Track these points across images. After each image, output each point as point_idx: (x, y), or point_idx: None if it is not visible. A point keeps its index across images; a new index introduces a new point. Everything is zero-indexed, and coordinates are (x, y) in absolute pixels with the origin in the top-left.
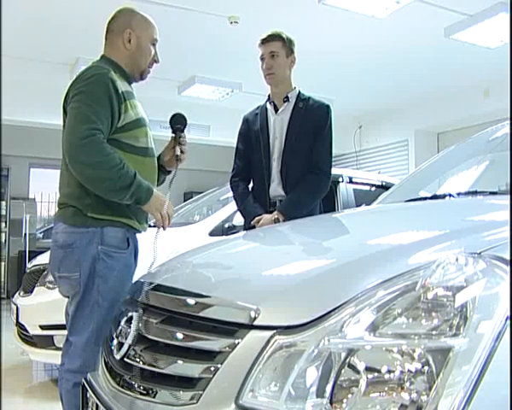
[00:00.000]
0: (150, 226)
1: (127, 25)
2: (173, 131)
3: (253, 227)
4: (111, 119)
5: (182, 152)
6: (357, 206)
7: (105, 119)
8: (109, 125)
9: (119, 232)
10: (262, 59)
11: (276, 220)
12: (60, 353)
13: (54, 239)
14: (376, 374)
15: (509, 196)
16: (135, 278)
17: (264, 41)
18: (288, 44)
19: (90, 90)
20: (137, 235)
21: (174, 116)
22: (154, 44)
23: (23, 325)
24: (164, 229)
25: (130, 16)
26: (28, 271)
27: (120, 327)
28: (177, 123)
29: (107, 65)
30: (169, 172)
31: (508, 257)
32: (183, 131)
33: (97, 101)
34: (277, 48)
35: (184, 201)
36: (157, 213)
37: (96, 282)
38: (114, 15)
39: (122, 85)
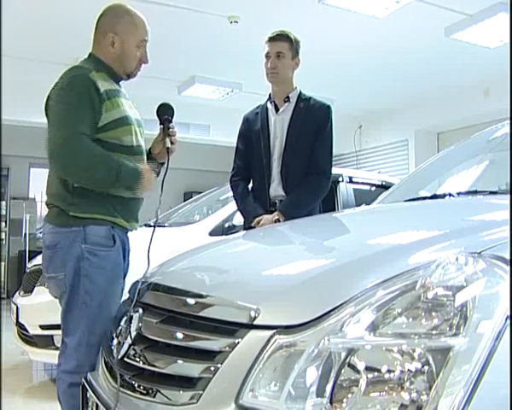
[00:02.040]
0: (146, 226)
1: (111, 28)
2: (161, 123)
3: (253, 227)
4: (93, 119)
5: (172, 143)
6: (357, 206)
7: (87, 119)
8: (92, 124)
9: (102, 230)
10: (267, 57)
11: (277, 221)
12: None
13: (42, 240)
14: (376, 374)
15: (508, 196)
16: (134, 279)
17: (271, 39)
18: (294, 46)
19: (69, 93)
20: (138, 236)
21: (160, 106)
22: (141, 46)
23: (23, 325)
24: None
25: (115, 18)
26: (28, 271)
27: (120, 327)
28: (165, 113)
29: (92, 64)
30: (161, 164)
31: (508, 257)
32: (171, 122)
33: (77, 103)
34: (284, 48)
35: (184, 201)
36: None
37: (81, 281)
38: (102, 13)
39: (105, 84)
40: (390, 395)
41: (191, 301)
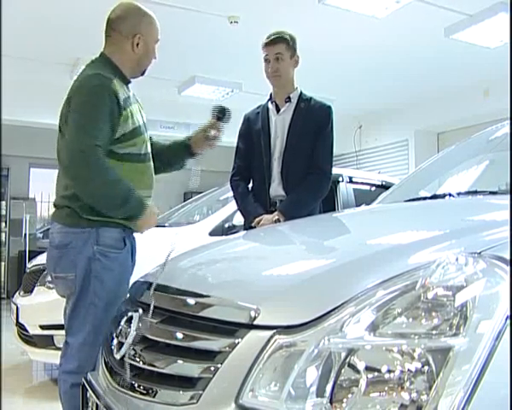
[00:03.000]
0: None
1: (137, 29)
2: (218, 119)
3: (254, 227)
4: (111, 132)
5: (214, 138)
6: (357, 206)
7: (105, 132)
8: (109, 138)
9: (114, 232)
10: (266, 61)
11: (277, 221)
12: (60, 353)
13: (50, 239)
14: (376, 374)
15: (508, 196)
16: (135, 278)
17: (268, 43)
18: (292, 45)
19: (92, 103)
20: (141, 237)
21: (225, 110)
22: (156, 44)
23: (23, 325)
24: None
25: (139, 18)
26: (28, 271)
27: (120, 327)
28: (225, 115)
29: (108, 69)
30: (193, 155)
31: (508, 257)
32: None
33: (99, 115)
34: (282, 50)
35: (184, 201)
36: (143, 229)
37: (91, 282)
38: (121, 15)
39: (123, 93)
40: (390, 395)
41: (191, 301)
